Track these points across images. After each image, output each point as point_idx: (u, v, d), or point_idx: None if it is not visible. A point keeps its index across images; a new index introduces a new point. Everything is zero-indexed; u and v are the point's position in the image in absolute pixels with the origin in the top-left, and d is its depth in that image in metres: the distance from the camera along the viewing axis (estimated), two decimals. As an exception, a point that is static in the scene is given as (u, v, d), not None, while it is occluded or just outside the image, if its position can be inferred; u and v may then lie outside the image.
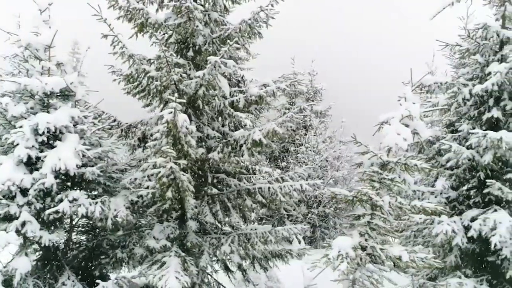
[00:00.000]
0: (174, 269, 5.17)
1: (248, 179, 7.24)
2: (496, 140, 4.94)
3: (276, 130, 6.05)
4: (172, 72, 5.75)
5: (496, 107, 5.52)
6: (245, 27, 6.57)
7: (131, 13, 6.23)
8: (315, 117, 21.20)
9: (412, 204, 4.48)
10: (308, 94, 21.73)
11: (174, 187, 5.39)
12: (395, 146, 4.80)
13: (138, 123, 6.91)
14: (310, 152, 19.23)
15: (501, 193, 5.23)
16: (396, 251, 4.20)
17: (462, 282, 5.10)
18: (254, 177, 7.59)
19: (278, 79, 7.61)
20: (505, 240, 4.85)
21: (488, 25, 5.57)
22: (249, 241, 6.56)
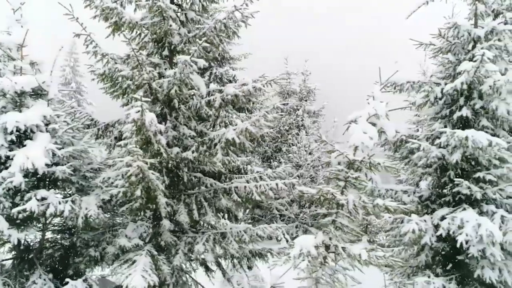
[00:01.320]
0: (142, 267, 5.17)
1: (229, 178, 7.26)
2: (463, 139, 4.94)
3: (249, 129, 6.05)
4: (143, 71, 5.76)
5: (466, 106, 5.52)
6: (220, 26, 6.58)
7: (105, 12, 6.25)
8: (308, 116, 21.22)
9: (374, 203, 4.48)
10: (301, 93, 21.74)
11: (144, 186, 5.40)
12: (361, 145, 4.81)
13: (115, 123, 6.92)
14: (302, 152, 19.25)
15: (470, 191, 5.23)
16: (356, 250, 4.20)
17: (430, 281, 5.09)
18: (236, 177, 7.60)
19: (258, 79, 7.61)
20: (471, 238, 4.84)
21: (458, 24, 5.57)
22: (224, 240, 6.57)
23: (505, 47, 5.57)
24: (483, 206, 5.39)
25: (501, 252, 5.09)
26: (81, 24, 5.93)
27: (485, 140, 4.91)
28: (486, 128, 5.45)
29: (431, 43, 6.06)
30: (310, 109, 21.38)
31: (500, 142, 4.92)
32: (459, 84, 5.31)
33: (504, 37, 5.55)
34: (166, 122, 6.67)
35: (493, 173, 5.35)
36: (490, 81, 5.12)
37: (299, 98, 21.69)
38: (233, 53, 16.95)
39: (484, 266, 5.17)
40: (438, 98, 5.77)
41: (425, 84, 5.81)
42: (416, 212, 5.84)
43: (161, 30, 6.32)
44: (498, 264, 5.14)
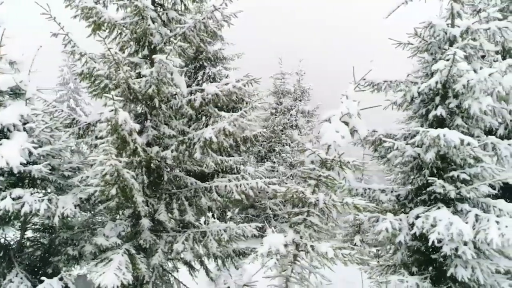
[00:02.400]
0: (116, 266, 5.18)
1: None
2: (435, 138, 4.95)
3: (226, 128, 6.07)
4: (120, 71, 5.78)
5: (441, 105, 5.53)
6: (199, 26, 6.61)
7: (85, 12, 6.27)
8: (302, 116, 21.25)
9: (344, 201, 4.49)
10: (295, 93, 21.77)
11: (119, 185, 5.41)
12: (334, 144, 4.83)
13: (96, 122, 6.93)
14: (296, 152, 19.29)
15: (444, 190, 5.24)
16: (323, 248, 4.22)
17: (404, 279, 5.11)
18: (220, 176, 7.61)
19: (242, 79, 7.63)
20: (443, 237, 4.85)
21: (433, 24, 5.58)
22: (203, 238, 6.58)
23: (481, 46, 5.58)
24: (458, 205, 5.40)
25: (475, 250, 5.10)
26: (58, 24, 5.95)
27: (457, 139, 4.92)
28: (460, 127, 5.46)
29: (409, 43, 6.08)
30: (304, 109, 21.42)
31: (472, 141, 4.93)
32: (433, 83, 5.32)
33: (480, 37, 5.56)
34: (146, 122, 6.70)
35: (468, 172, 5.36)
36: (464, 80, 5.13)
37: (293, 98, 21.72)
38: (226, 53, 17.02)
39: (457, 264, 5.18)
40: (415, 97, 5.78)
41: (402, 83, 5.83)
42: (393, 211, 5.85)
43: (140, 30, 6.34)
44: (471, 263, 5.15)
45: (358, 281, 6.71)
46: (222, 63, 17.17)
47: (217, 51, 16.68)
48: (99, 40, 5.86)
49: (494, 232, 4.72)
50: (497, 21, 5.57)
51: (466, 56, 5.67)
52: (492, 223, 4.88)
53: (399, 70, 7.07)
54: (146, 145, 6.49)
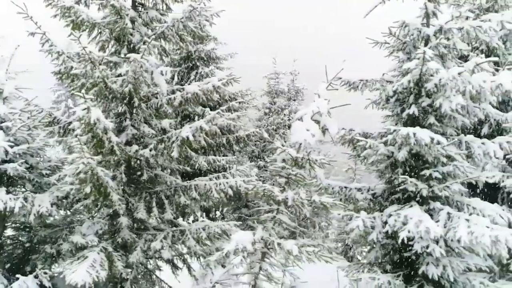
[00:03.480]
0: (90, 263, 5.21)
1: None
2: (406, 137, 4.98)
3: (203, 127, 6.09)
4: (96, 70, 5.81)
5: (415, 104, 5.56)
6: (178, 25, 6.63)
7: (63, 11, 6.31)
8: (296, 116, 21.21)
9: (312, 199, 4.52)
10: (289, 93, 21.79)
11: (94, 183, 5.45)
12: (304, 142, 4.86)
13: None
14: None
15: (416, 189, 5.27)
16: (288, 245, 4.25)
17: (375, 277, 5.13)
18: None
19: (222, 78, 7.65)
20: (413, 235, 4.88)
21: (407, 23, 5.61)
22: (182, 237, 6.61)
23: (454, 45, 5.60)
24: (431, 204, 5.42)
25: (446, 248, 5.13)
26: (35, 23, 5.97)
27: (427, 137, 4.95)
28: (433, 125, 5.48)
29: (386, 42, 6.10)
30: (298, 109, 21.40)
31: (441, 140, 4.95)
32: (406, 82, 5.35)
33: (453, 36, 5.58)
34: (125, 121, 6.74)
35: (440, 171, 5.39)
36: (436, 79, 5.15)
37: (287, 98, 21.74)
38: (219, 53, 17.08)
39: (428, 262, 5.20)
40: (390, 96, 5.81)
41: (377, 83, 5.86)
42: (368, 209, 5.88)
43: (118, 29, 6.37)
44: (443, 261, 5.17)
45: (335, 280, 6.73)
46: (216, 63, 17.24)
47: (210, 51, 16.74)
48: (73, 39, 5.88)
49: (462, 230, 4.74)
50: (471, 21, 5.60)
51: (442, 55, 5.70)
52: (462, 221, 4.91)
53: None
54: (126, 144, 6.53)
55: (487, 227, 4.72)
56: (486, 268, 5.31)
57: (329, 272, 6.88)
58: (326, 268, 6.97)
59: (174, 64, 16.72)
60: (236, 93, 17.95)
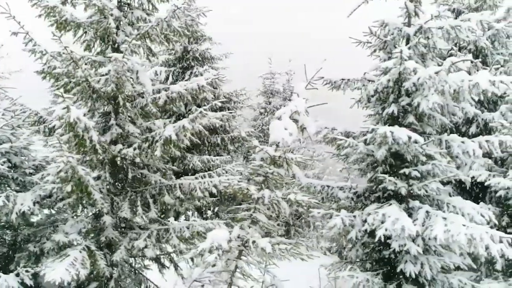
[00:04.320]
0: (70, 262, 5.24)
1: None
2: (383, 135, 5.00)
3: (185, 126, 6.12)
4: (78, 69, 5.85)
5: (395, 103, 5.58)
6: (162, 25, 6.66)
7: (47, 11, 6.34)
8: (291, 116, 21.28)
9: (287, 197, 4.55)
10: (285, 93, 21.87)
11: (75, 182, 5.48)
12: (282, 141, 4.89)
13: (64, 120, 7.00)
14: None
15: (395, 187, 5.30)
16: (262, 243, 4.28)
17: (354, 275, 5.16)
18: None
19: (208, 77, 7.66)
20: (390, 233, 4.91)
21: (386, 22, 5.64)
22: (166, 235, 6.65)
23: (434, 45, 5.63)
24: (410, 202, 5.45)
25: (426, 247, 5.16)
26: (18, 22, 6.00)
27: (405, 136, 4.97)
28: (413, 124, 5.51)
29: (368, 41, 6.13)
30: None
31: (418, 139, 4.98)
32: (385, 81, 5.38)
33: (433, 35, 5.60)
34: (110, 120, 6.77)
35: (420, 169, 5.42)
36: (414, 78, 5.18)
37: (283, 97, 21.82)
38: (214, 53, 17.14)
39: (407, 260, 5.23)
40: (371, 95, 5.84)
41: (358, 82, 5.88)
42: (349, 208, 5.91)
43: (102, 29, 6.41)
44: (421, 259, 5.20)
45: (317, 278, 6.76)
46: (211, 62, 17.30)
47: (205, 51, 16.79)
48: (54, 39, 5.91)
49: (439, 228, 4.77)
50: (451, 20, 5.62)
51: (422, 54, 5.73)
52: (439, 220, 4.93)
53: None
54: (110, 143, 6.57)
55: (463, 225, 4.74)
56: (464, 266, 5.34)
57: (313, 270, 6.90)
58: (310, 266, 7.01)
59: (169, 64, 16.78)
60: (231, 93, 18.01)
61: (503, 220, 7.87)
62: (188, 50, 16.34)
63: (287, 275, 6.79)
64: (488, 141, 5.46)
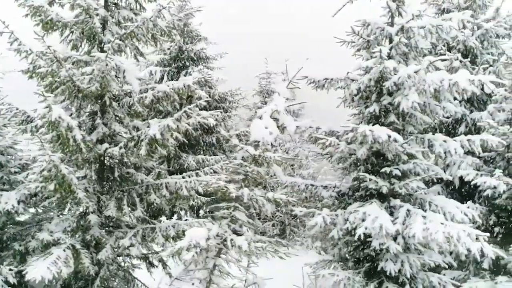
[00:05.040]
0: (52, 260, 5.27)
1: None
2: (362, 134, 5.03)
3: (170, 125, 6.14)
4: (63, 68, 5.88)
5: (377, 102, 5.61)
6: (148, 25, 6.68)
7: (33, 11, 6.36)
8: (287, 116, 21.29)
9: (266, 196, 4.58)
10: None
11: (58, 180, 5.51)
12: (263, 140, 4.92)
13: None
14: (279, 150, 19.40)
15: (376, 186, 5.32)
16: (239, 241, 4.30)
17: (334, 273, 5.19)
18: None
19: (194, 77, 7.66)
20: (370, 232, 4.93)
21: (367, 22, 5.66)
22: (152, 234, 6.67)
23: (416, 44, 5.65)
24: (391, 201, 5.48)
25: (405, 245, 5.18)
26: (3, 22, 6.03)
27: (384, 135, 5.00)
28: (394, 123, 5.53)
29: (352, 41, 6.15)
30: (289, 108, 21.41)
31: (398, 138, 5.00)
32: (366, 80, 5.40)
33: (414, 35, 5.62)
34: (96, 119, 6.79)
35: (401, 168, 5.44)
36: (395, 78, 5.20)
37: (278, 97, 21.81)
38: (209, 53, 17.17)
39: (387, 259, 5.26)
40: (354, 94, 5.86)
41: (341, 81, 5.91)
42: (333, 206, 5.94)
43: (87, 29, 6.43)
44: (401, 257, 5.22)
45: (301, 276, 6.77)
46: (206, 62, 17.33)
47: (200, 51, 16.82)
48: (36, 38, 5.94)
49: (417, 227, 4.79)
50: (433, 19, 5.64)
51: (405, 53, 5.75)
52: (418, 218, 4.96)
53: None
54: (97, 142, 6.60)
55: (441, 223, 4.76)
56: (445, 264, 5.36)
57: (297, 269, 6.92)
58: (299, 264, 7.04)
59: (164, 64, 16.81)
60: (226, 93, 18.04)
61: (490, 219, 7.90)
62: (183, 50, 16.38)
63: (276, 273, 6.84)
64: (470, 140, 5.48)
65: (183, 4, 16.37)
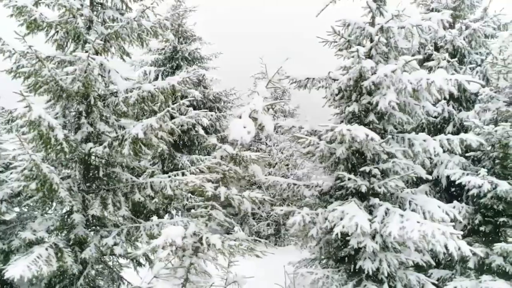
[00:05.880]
0: (33, 258, 5.30)
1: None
2: (340, 133, 5.06)
3: (153, 125, 6.17)
4: (45, 68, 5.91)
5: (357, 101, 5.64)
6: (132, 24, 6.71)
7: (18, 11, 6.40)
8: (282, 116, 21.34)
9: (242, 194, 4.61)
10: (276, 93, 21.86)
11: (40, 179, 5.54)
12: (241, 139, 4.95)
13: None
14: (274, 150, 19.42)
15: (354, 185, 5.35)
16: (213, 239, 4.33)
17: (313, 271, 5.21)
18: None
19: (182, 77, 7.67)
20: (347, 230, 4.96)
21: (347, 22, 5.69)
22: (136, 233, 6.70)
23: (396, 44, 5.68)
24: (371, 199, 5.50)
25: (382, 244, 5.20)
26: (-14, 23, 6.07)
27: (362, 134, 5.02)
28: (373, 123, 5.56)
29: (334, 41, 6.18)
30: (284, 108, 21.48)
31: (375, 137, 5.03)
32: (345, 80, 5.43)
33: (394, 35, 5.65)
34: (81, 119, 6.82)
35: (380, 167, 5.46)
36: (374, 77, 5.23)
37: (274, 97, 21.81)
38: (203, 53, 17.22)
39: (366, 257, 5.28)
40: (336, 94, 5.89)
41: (323, 81, 5.94)
42: (315, 205, 5.97)
43: (71, 29, 6.47)
44: (380, 256, 5.25)
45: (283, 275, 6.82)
46: (201, 62, 17.36)
47: (194, 51, 16.86)
48: (17, 38, 5.97)
49: (394, 225, 4.82)
50: (412, 19, 5.67)
51: (385, 53, 5.78)
52: (395, 217, 4.98)
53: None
54: (82, 141, 6.63)
55: (418, 222, 4.79)
56: (423, 263, 5.38)
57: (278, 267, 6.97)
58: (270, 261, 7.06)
59: (159, 64, 16.85)
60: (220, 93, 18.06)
61: (476, 218, 7.93)
62: (178, 50, 16.43)
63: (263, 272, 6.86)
64: (449, 140, 5.51)
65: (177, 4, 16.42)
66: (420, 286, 5.22)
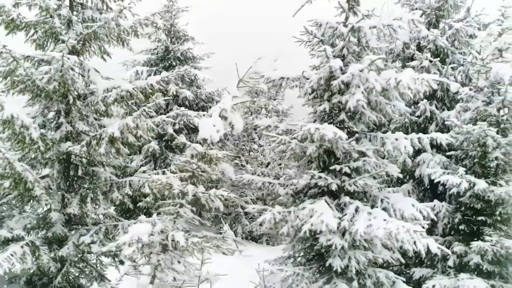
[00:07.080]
0: (6, 256, 5.36)
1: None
2: (308, 132, 5.10)
3: (129, 124, 6.22)
4: (21, 68, 5.97)
5: (328, 101, 5.68)
6: (109, 24, 6.77)
7: (-5, 12, 6.46)
8: (275, 116, 21.41)
9: (209, 192, 4.65)
10: (269, 93, 21.92)
11: (14, 178, 5.60)
12: (210, 138, 5.00)
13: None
14: (267, 150, 19.50)
15: (325, 183, 5.39)
16: (177, 237, 4.39)
17: (283, 269, 5.26)
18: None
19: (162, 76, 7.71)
20: (316, 228, 5.01)
21: (319, 22, 5.73)
22: (114, 231, 6.76)
23: (367, 44, 5.72)
24: (341, 198, 5.55)
25: (352, 242, 5.25)
26: (-37, 23, 6.13)
27: (331, 133, 5.06)
28: (344, 122, 5.61)
29: (309, 40, 6.21)
30: (278, 108, 21.56)
31: (342, 135, 5.06)
32: (316, 79, 5.48)
33: (365, 35, 5.69)
34: (60, 118, 6.88)
35: (351, 166, 5.51)
36: (343, 76, 5.28)
37: (267, 97, 21.88)
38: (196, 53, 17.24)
39: (335, 255, 5.33)
40: (309, 93, 5.94)
41: (296, 80, 5.98)
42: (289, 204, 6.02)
43: (49, 28, 6.52)
44: (349, 253, 5.30)
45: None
46: (193, 62, 17.39)
47: (186, 51, 16.89)
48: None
49: (361, 223, 4.87)
50: (384, 19, 5.70)
51: (357, 53, 5.83)
52: (363, 215, 5.03)
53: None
54: (61, 140, 6.69)
55: (384, 220, 4.84)
56: (393, 261, 5.43)
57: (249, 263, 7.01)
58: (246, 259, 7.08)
59: (151, 64, 16.88)
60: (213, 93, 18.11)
61: (456, 217, 7.98)
62: (170, 50, 16.47)
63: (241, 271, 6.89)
64: (420, 138, 5.56)
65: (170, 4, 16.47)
66: (391, 283, 5.27)
